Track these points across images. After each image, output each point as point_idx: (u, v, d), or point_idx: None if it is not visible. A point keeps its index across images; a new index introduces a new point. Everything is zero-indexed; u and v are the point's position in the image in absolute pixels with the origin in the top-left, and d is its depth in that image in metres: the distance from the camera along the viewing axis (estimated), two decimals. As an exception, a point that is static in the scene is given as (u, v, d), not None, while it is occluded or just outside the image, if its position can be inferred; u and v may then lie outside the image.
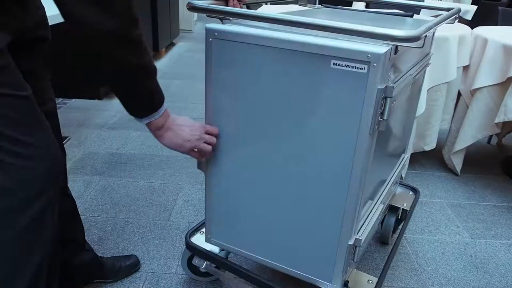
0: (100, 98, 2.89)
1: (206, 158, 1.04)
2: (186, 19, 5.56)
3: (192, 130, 0.95)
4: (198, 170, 1.11)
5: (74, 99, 2.86)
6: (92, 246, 1.45)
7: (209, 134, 0.99)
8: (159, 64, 3.92)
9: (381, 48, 0.76)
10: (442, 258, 1.54)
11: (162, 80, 3.73)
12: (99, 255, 1.32)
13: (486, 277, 1.47)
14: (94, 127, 2.45)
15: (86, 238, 1.26)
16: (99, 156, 2.11)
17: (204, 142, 0.98)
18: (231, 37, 0.90)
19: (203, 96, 1.00)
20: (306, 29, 0.83)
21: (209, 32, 0.91)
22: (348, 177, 0.89)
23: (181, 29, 5.42)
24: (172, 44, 4.78)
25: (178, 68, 3.83)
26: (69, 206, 1.18)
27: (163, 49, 4.45)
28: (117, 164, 2.04)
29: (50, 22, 0.93)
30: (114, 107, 2.77)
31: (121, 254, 1.43)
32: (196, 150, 0.98)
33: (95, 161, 2.05)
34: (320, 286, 1.05)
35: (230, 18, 0.97)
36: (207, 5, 0.92)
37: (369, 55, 0.76)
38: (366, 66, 0.77)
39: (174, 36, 4.62)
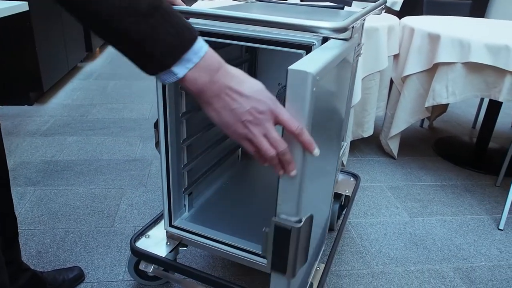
0: (30, 104, 2.72)
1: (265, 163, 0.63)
2: (120, 16, 5.36)
3: (256, 105, 0.58)
4: (141, 172, 1.06)
5: (1, 106, 2.67)
6: (30, 261, 1.37)
7: (280, 124, 0.61)
8: (94, 65, 3.76)
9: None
10: (384, 239, 1.62)
11: (98, 81, 3.60)
12: (38, 269, 1.25)
13: (425, 252, 1.56)
14: (25, 134, 2.30)
15: (22, 254, 1.18)
16: (32, 165, 1.99)
17: (268, 141, 0.60)
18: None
19: (142, 96, 0.96)
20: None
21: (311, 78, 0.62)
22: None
23: (116, 28, 5.23)
24: (106, 44, 4.60)
25: (114, 68, 3.70)
26: (11, 226, 1.10)
27: (97, 49, 4.27)
28: (53, 173, 1.93)
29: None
30: (46, 112, 2.62)
31: (63, 267, 1.36)
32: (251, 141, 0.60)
33: (28, 171, 1.93)
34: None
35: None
36: (135, 1, 0.88)
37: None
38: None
39: (108, 35, 4.44)
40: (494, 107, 2.28)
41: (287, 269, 0.73)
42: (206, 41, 0.92)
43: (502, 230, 1.72)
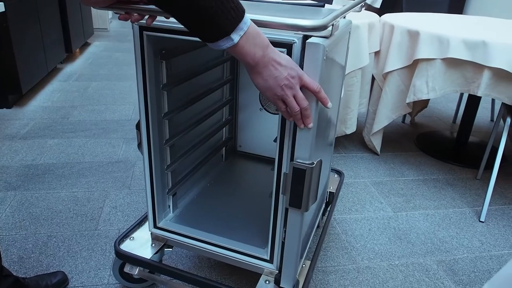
0: (9, 107, 2.66)
1: (292, 119, 0.83)
2: (100, 16, 5.29)
3: (290, 72, 0.75)
4: (125, 174, 1.05)
5: (-22, 110, 2.61)
6: (12, 267, 1.34)
7: (304, 85, 0.78)
8: (74, 66, 3.70)
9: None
10: (369, 234, 1.63)
11: (78, 83, 3.54)
12: (20, 275, 1.22)
13: (409, 246, 1.58)
14: (4, 138, 2.25)
15: (4, 260, 1.16)
16: (12, 169, 1.94)
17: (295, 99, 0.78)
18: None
19: (124, 97, 0.95)
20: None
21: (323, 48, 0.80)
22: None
23: (96, 28, 5.15)
24: (86, 44, 4.53)
25: (95, 69, 3.64)
26: None
27: (77, 50, 4.21)
28: (34, 176, 1.89)
29: None
30: (26, 115, 2.57)
31: (46, 272, 1.33)
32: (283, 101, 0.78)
33: (8, 176, 1.89)
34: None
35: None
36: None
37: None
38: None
39: (88, 36, 4.37)
40: (473, 102, 2.33)
41: (302, 204, 0.90)
42: (187, 40, 0.92)
43: (483, 222, 1.75)
